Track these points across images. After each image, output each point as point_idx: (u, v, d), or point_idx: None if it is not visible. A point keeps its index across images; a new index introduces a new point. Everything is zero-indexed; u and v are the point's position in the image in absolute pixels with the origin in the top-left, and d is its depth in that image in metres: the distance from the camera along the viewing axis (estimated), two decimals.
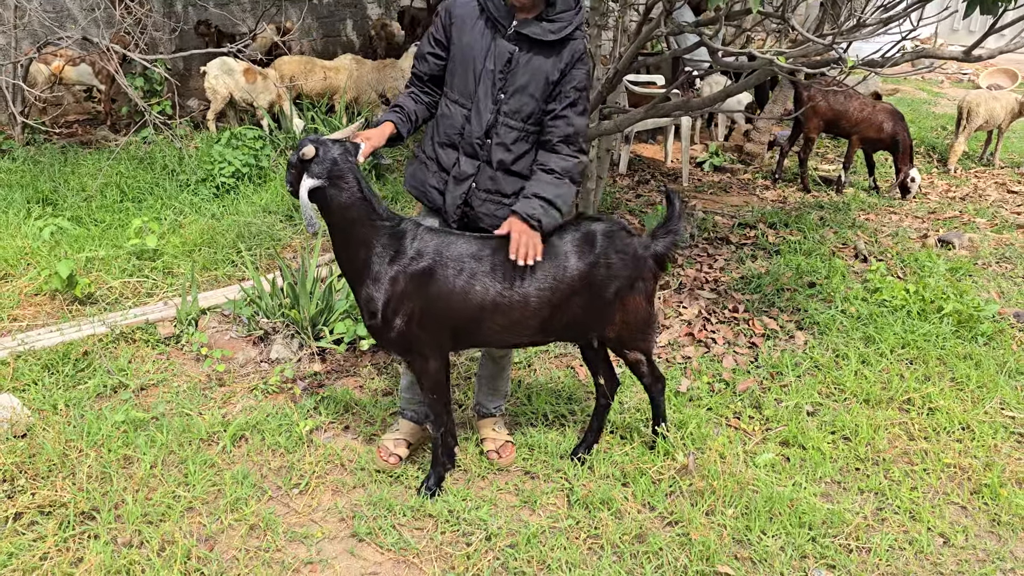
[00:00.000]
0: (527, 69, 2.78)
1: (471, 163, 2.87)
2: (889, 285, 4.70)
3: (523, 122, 2.82)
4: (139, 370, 3.70)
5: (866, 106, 6.87)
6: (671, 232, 2.88)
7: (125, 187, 5.72)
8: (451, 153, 2.89)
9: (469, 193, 2.88)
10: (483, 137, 2.83)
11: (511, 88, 2.79)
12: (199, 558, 2.66)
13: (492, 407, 3.32)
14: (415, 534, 2.82)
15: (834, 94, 6.80)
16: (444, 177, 2.91)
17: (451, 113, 2.86)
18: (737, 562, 2.72)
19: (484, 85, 2.79)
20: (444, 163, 2.90)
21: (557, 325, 2.80)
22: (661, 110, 4.92)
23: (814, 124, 6.97)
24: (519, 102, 2.80)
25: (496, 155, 2.84)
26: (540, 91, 2.80)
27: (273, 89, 7.18)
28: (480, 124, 2.82)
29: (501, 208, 2.90)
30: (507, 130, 2.82)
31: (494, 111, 2.80)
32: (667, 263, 2.92)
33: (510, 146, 2.84)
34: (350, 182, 2.66)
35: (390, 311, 2.71)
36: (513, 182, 2.89)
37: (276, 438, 3.26)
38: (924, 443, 3.40)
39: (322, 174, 2.62)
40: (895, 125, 6.81)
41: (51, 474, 2.98)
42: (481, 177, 2.87)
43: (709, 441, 3.32)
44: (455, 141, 2.87)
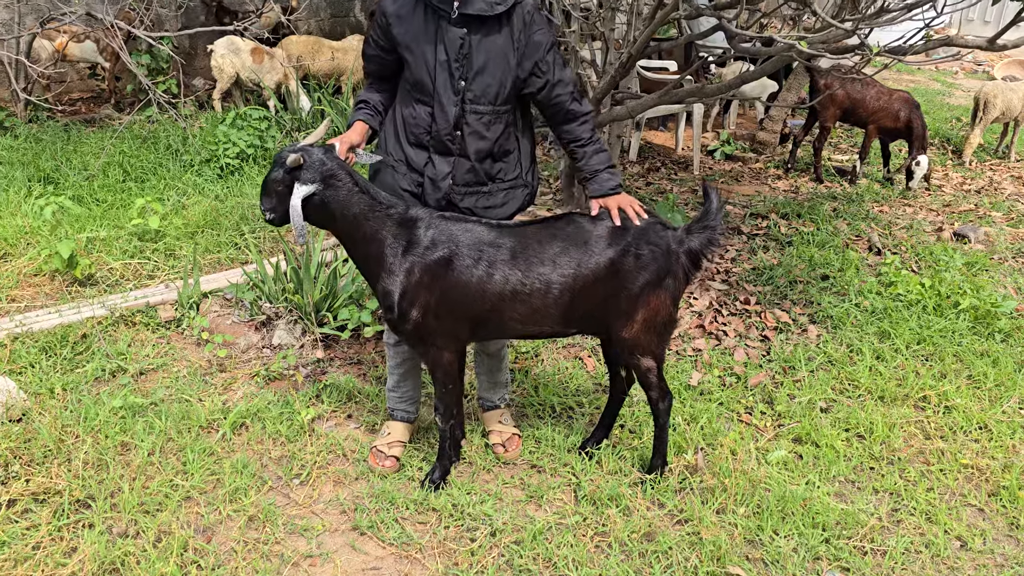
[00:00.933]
0: (482, 49, 2.61)
1: (445, 161, 2.72)
2: (904, 279, 4.60)
3: (491, 104, 2.67)
4: (138, 354, 3.63)
5: (883, 94, 6.73)
6: (708, 228, 2.73)
7: (128, 167, 5.64)
8: (421, 153, 2.74)
9: (449, 192, 2.76)
10: (452, 131, 2.68)
11: (471, 73, 2.63)
12: (196, 550, 2.59)
13: (496, 399, 3.25)
14: (418, 528, 2.75)
15: (851, 82, 6.65)
16: (417, 179, 2.76)
17: (416, 111, 2.70)
18: (749, 563, 2.64)
19: (441, 77, 2.63)
20: (415, 164, 2.75)
21: (578, 314, 2.69)
22: (675, 96, 4.81)
23: (831, 113, 6.83)
24: (483, 85, 2.64)
25: (472, 146, 2.70)
26: (502, 68, 2.64)
27: (280, 69, 7.08)
28: (446, 118, 2.66)
29: (481, 197, 2.79)
30: (476, 117, 2.68)
31: (458, 101, 2.65)
32: (701, 262, 2.77)
33: (485, 133, 2.70)
34: (343, 178, 2.56)
35: (406, 303, 2.62)
36: (491, 167, 2.77)
37: (277, 426, 3.19)
38: (940, 442, 3.32)
39: (314, 178, 2.51)
40: (911, 113, 6.67)
41: (46, 460, 2.91)
42: (459, 172, 2.74)
43: (720, 437, 3.24)
44: (423, 140, 2.72)
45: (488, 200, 2.80)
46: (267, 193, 2.59)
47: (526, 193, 2.89)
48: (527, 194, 2.89)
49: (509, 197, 2.84)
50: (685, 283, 2.75)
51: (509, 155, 2.81)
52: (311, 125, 6.66)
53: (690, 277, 2.75)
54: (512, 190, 2.84)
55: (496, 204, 2.81)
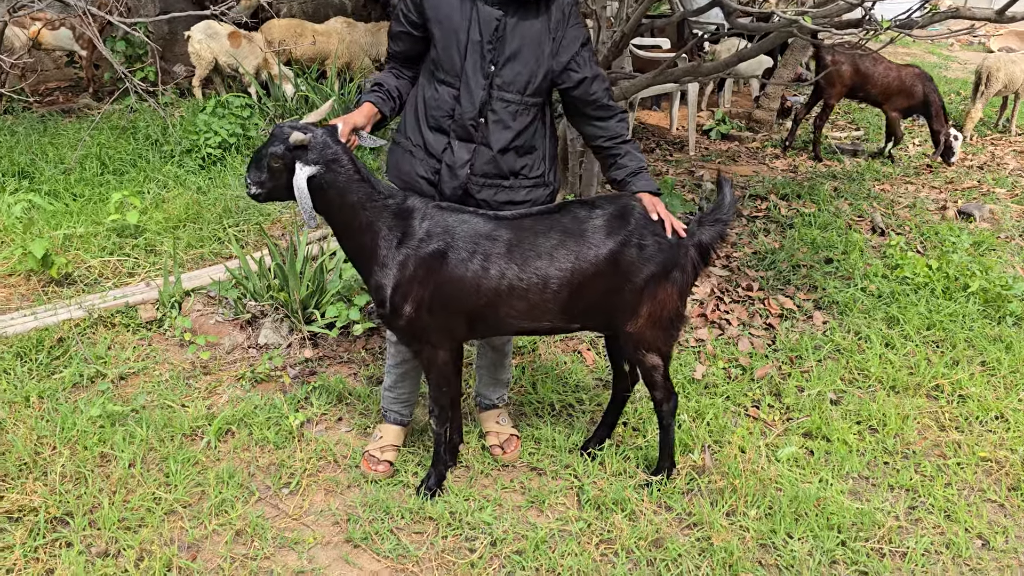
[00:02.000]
0: (517, 34, 2.49)
1: (465, 147, 2.57)
2: (910, 261, 4.46)
3: (520, 94, 2.54)
4: (118, 357, 3.47)
5: (891, 70, 6.53)
6: (720, 222, 2.58)
7: (106, 159, 5.44)
8: (440, 138, 2.59)
9: (467, 181, 2.61)
10: (476, 117, 2.54)
11: (502, 58, 2.50)
12: (180, 569, 2.45)
13: (495, 398, 3.11)
14: (414, 539, 2.61)
15: (859, 58, 6.45)
16: (434, 165, 2.61)
17: (438, 94, 2.56)
18: (762, 569, 2.52)
19: (472, 59, 2.50)
20: (433, 149, 2.60)
21: (579, 309, 2.54)
22: (671, 76, 4.65)
23: (836, 90, 6.64)
24: (513, 72, 2.51)
25: (495, 136, 2.56)
26: (535, 58, 2.52)
27: (260, 54, 6.86)
28: (472, 103, 2.52)
29: (500, 192, 2.64)
30: (503, 105, 2.54)
31: (486, 86, 2.51)
32: (711, 256, 2.62)
33: (510, 123, 2.56)
34: (345, 164, 2.41)
35: (399, 297, 2.47)
36: (515, 162, 2.62)
37: (264, 432, 3.04)
38: (956, 434, 3.19)
39: (318, 160, 2.36)
40: (924, 87, 6.48)
41: (21, 475, 2.76)
42: (478, 162, 2.59)
43: (727, 434, 3.11)
44: (444, 125, 2.57)
45: (508, 195, 2.64)
46: (258, 166, 2.43)
47: (547, 193, 2.74)
48: (548, 193, 2.74)
49: (531, 195, 2.68)
50: (693, 277, 2.60)
51: (534, 151, 2.66)
52: (295, 112, 6.47)
53: (699, 271, 2.60)
54: (535, 188, 2.69)
55: (516, 200, 2.66)
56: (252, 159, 2.44)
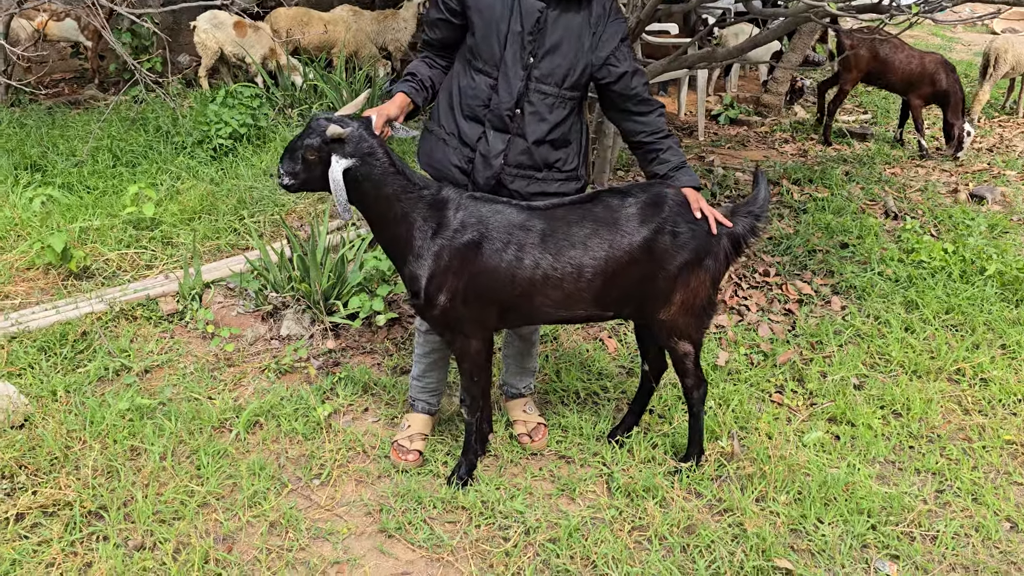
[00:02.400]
0: (558, 27, 2.50)
1: (500, 137, 2.57)
2: (926, 245, 4.47)
3: (558, 87, 2.54)
4: (142, 350, 3.48)
5: (914, 57, 6.41)
6: (753, 215, 2.60)
7: (117, 151, 5.42)
8: (476, 127, 2.58)
9: (500, 171, 2.61)
10: (513, 108, 2.54)
11: (541, 50, 2.50)
12: (217, 560, 2.47)
13: (522, 386, 3.12)
14: (448, 529, 2.63)
15: (879, 44, 6.35)
16: (468, 154, 2.61)
17: (475, 83, 2.56)
18: (795, 554, 2.54)
19: (512, 49, 2.49)
20: (468, 138, 2.60)
21: (613, 297, 2.55)
22: (685, 61, 4.64)
23: (852, 76, 6.56)
24: (551, 64, 2.52)
25: (531, 127, 2.56)
26: (575, 51, 2.52)
27: (267, 43, 6.83)
28: (510, 93, 2.52)
29: (533, 183, 2.64)
30: (540, 97, 2.54)
31: (524, 77, 2.52)
32: (743, 248, 2.63)
33: (546, 115, 2.56)
34: (380, 157, 2.41)
35: (433, 287, 2.48)
36: (549, 154, 2.62)
37: (292, 424, 3.06)
38: (980, 417, 3.21)
39: (354, 153, 2.36)
40: (948, 77, 6.33)
41: (53, 469, 2.77)
42: (512, 152, 2.59)
43: (753, 420, 3.13)
44: (480, 114, 2.57)
45: (540, 187, 2.64)
46: (292, 157, 2.43)
47: (578, 187, 2.74)
48: (578, 188, 2.74)
49: (562, 188, 2.69)
50: (726, 266, 2.61)
51: (568, 145, 2.66)
52: (304, 102, 6.44)
53: (731, 261, 2.61)
54: (566, 182, 2.70)
55: (548, 192, 2.66)
56: (286, 150, 2.44)
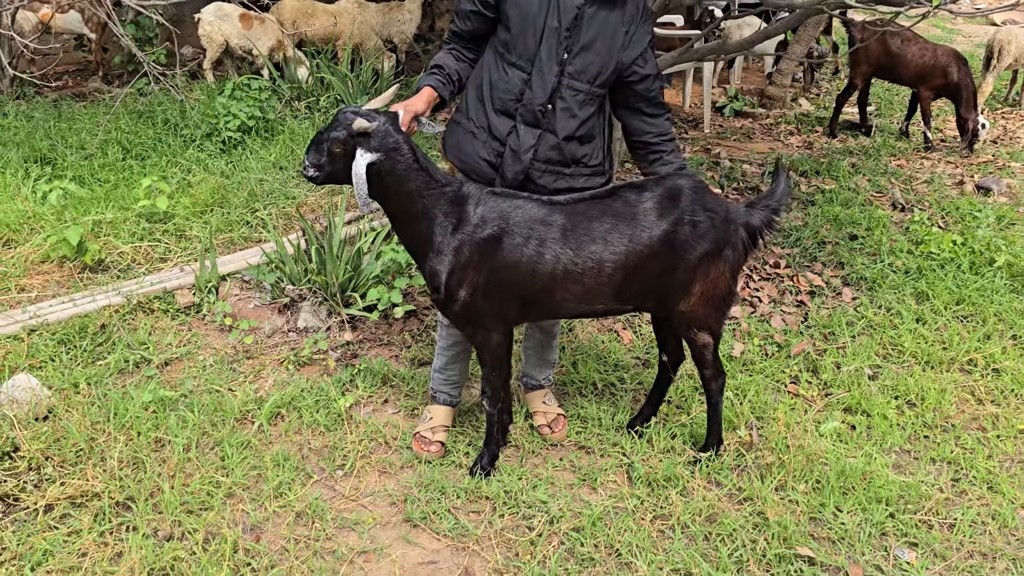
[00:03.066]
0: (594, 24, 2.51)
1: (531, 132, 2.59)
2: (935, 237, 4.50)
3: (589, 84, 2.56)
4: (161, 343, 3.50)
5: (926, 51, 6.35)
6: (771, 208, 2.63)
7: (127, 143, 5.42)
8: (506, 121, 2.60)
9: (529, 166, 2.63)
10: (546, 103, 2.55)
11: (577, 47, 2.52)
12: (247, 550, 2.49)
13: (541, 378, 3.15)
14: (472, 518, 2.66)
15: (889, 37, 6.31)
16: (498, 148, 2.62)
17: (508, 77, 2.57)
18: (815, 542, 2.58)
19: (548, 44, 2.51)
20: (498, 132, 2.61)
21: (633, 291, 2.57)
22: (695, 54, 4.66)
23: (862, 70, 6.53)
24: (585, 61, 2.53)
25: (561, 123, 2.58)
26: (607, 49, 2.54)
27: (272, 35, 6.82)
28: (544, 89, 2.54)
29: (560, 179, 2.66)
30: (572, 93, 2.56)
31: (558, 73, 2.53)
32: (759, 240, 2.66)
33: (576, 111, 2.58)
34: (405, 152, 2.42)
35: (454, 282, 2.50)
36: (577, 150, 2.64)
37: (314, 415, 3.08)
38: (993, 407, 3.25)
39: (379, 147, 2.38)
40: (960, 71, 6.26)
41: (80, 461, 2.79)
42: (542, 147, 2.61)
43: (770, 410, 3.16)
44: (511, 108, 2.58)
45: (567, 182, 2.67)
46: (318, 150, 2.44)
47: (603, 181, 2.77)
48: (604, 182, 2.77)
49: (589, 183, 2.71)
50: (744, 257, 2.63)
51: (594, 140, 2.69)
52: (311, 94, 6.44)
53: (749, 252, 2.64)
54: (592, 176, 2.72)
55: (575, 188, 2.68)
56: (312, 142, 2.46)
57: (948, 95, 6.46)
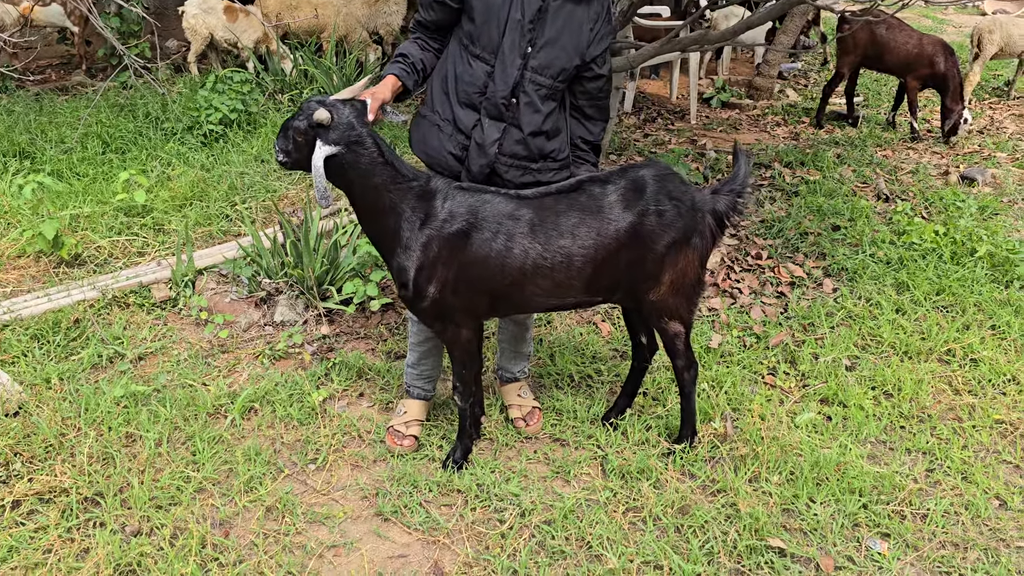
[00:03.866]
0: (559, 19, 2.49)
1: (496, 126, 2.56)
2: (918, 227, 4.49)
3: (552, 79, 2.54)
4: (135, 338, 3.47)
5: (912, 38, 6.32)
6: (735, 192, 2.61)
7: (107, 137, 5.38)
8: (471, 114, 2.57)
9: (495, 160, 2.61)
10: (509, 96, 2.53)
11: (540, 40, 2.49)
12: (215, 545, 2.48)
13: (516, 371, 3.13)
14: (444, 512, 2.64)
15: (877, 25, 6.27)
16: (463, 141, 2.60)
17: (472, 69, 2.54)
18: (787, 533, 2.57)
19: (511, 37, 2.48)
20: (463, 126, 2.58)
21: (603, 284, 2.56)
22: (678, 44, 4.63)
23: (848, 59, 6.49)
24: (549, 56, 2.51)
25: (526, 118, 2.55)
26: (572, 44, 2.52)
27: (258, 27, 6.77)
28: (506, 82, 2.51)
29: (527, 174, 2.64)
30: (535, 88, 2.53)
31: (520, 66, 2.50)
32: (726, 226, 2.65)
33: (540, 106, 2.55)
34: (369, 146, 2.39)
35: (423, 279, 2.48)
36: (544, 145, 2.62)
37: (288, 409, 3.06)
38: (970, 397, 3.24)
39: (339, 140, 2.35)
40: (947, 61, 6.22)
41: (49, 456, 2.77)
42: (507, 141, 2.58)
43: (746, 401, 3.15)
44: (476, 101, 2.56)
45: (534, 177, 2.65)
46: (285, 136, 2.43)
47: (568, 175, 2.75)
48: (568, 176, 2.75)
49: (556, 177, 2.70)
50: (712, 244, 2.63)
51: (560, 134, 2.67)
52: (294, 87, 6.40)
53: (716, 238, 2.63)
54: (560, 170, 2.71)
55: (542, 182, 2.66)
56: (281, 127, 2.44)
57: (935, 85, 6.41)
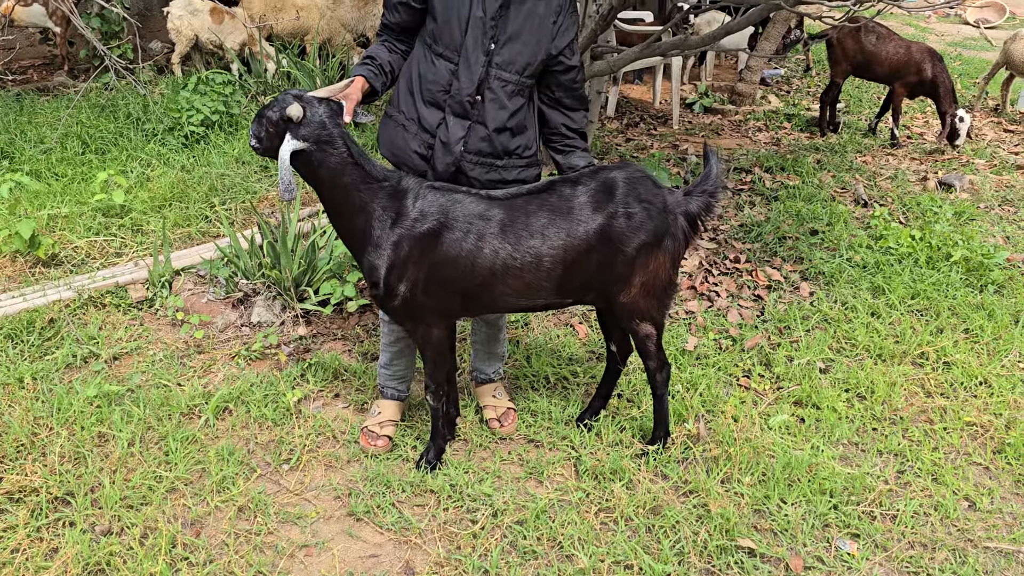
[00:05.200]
0: (520, 15, 2.50)
1: (460, 124, 2.57)
2: (894, 232, 4.53)
3: (518, 74, 2.55)
4: (111, 338, 3.46)
5: (901, 48, 6.39)
6: (707, 193, 2.63)
7: (87, 138, 5.37)
8: (435, 113, 2.58)
9: (460, 158, 2.61)
10: (474, 94, 2.53)
11: (503, 37, 2.50)
12: (185, 545, 2.47)
13: (491, 372, 3.13)
14: (416, 512, 2.64)
15: (864, 34, 6.34)
16: (428, 140, 2.60)
17: (435, 68, 2.55)
18: (758, 534, 2.58)
19: (473, 34, 2.49)
20: (428, 124, 2.59)
21: (573, 285, 2.57)
22: (657, 49, 4.66)
23: (841, 68, 6.56)
24: (512, 52, 2.52)
25: (491, 115, 2.56)
26: (535, 39, 2.53)
27: (243, 29, 6.77)
28: (471, 79, 2.52)
29: (492, 171, 2.65)
30: (501, 84, 2.54)
31: (485, 63, 2.51)
32: (699, 227, 2.66)
33: (506, 102, 2.56)
34: (339, 147, 2.40)
35: (393, 278, 2.48)
36: (509, 142, 2.63)
37: (262, 409, 3.06)
38: (942, 400, 3.27)
39: (308, 137, 2.35)
40: (935, 67, 6.28)
41: (20, 456, 2.76)
42: (472, 139, 2.59)
43: (720, 403, 3.16)
44: (440, 100, 2.56)
45: (499, 174, 2.66)
46: (259, 123, 2.43)
47: (537, 173, 2.76)
48: (536, 174, 2.76)
49: (522, 175, 2.71)
50: (684, 246, 2.63)
51: (526, 131, 2.68)
52: (277, 88, 6.40)
53: (689, 240, 2.64)
54: (526, 168, 2.72)
55: (508, 180, 2.67)
56: (257, 114, 2.44)
57: (925, 92, 6.44)
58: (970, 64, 10.08)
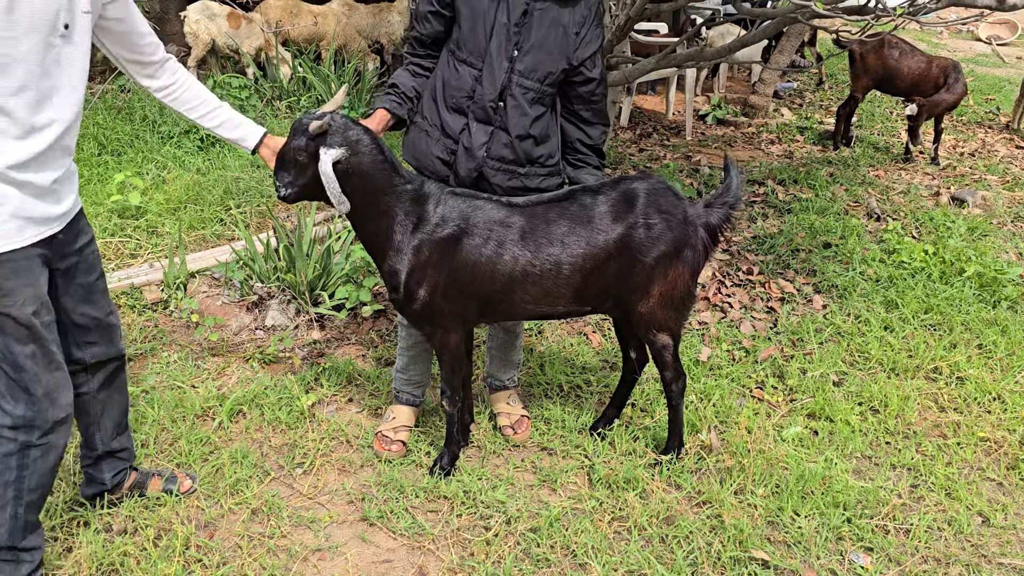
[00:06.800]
0: (544, 23, 2.52)
1: (483, 129, 2.58)
2: (908, 246, 4.53)
3: (539, 82, 2.57)
4: (126, 339, 3.47)
5: (922, 63, 6.37)
6: (727, 204, 2.64)
7: (103, 139, 5.40)
8: (459, 119, 2.60)
9: (483, 164, 2.63)
10: (496, 100, 2.55)
11: (526, 44, 2.52)
12: (198, 547, 2.47)
13: (505, 379, 3.14)
14: (429, 518, 2.64)
15: (887, 49, 6.33)
16: (451, 146, 2.62)
17: (459, 74, 2.57)
18: (771, 546, 2.57)
19: (497, 41, 2.51)
20: (450, 130, 2.61)
21: (592, 294, 2.58)
22: (673, 60, 4.67)
23: (862, 83, 6.56)
24: (535, 60, 2.54)
25: (513, 121, 2.58)
26: (557, 48, 2.55)
27: (259, 34, 6.81)
28: (493, 85, 2.54)
29: (515, 178, 2.66)
30: (522, 91, 2.56)
31: (508, 70, 2.53)
32: (719, 238, 2.67)
33: (527, 109, 2.58)
34: (368, 144, 2.41)
35: (413, 282, 2.49)
36: (532, 150, 2.64)
37: (276, 413, 3.07)
38: (955, 415, 3.26)
39: (342, 142, 2.36)
40: (959, 83, 6.21)
41: None
42: (494, 145, 2.60)
43: (734, 414, 3.16)
44: (464, 105, 2.58)
45: (521, 182, 2.67)
46: (284, 167, 2.42)
47: (559, 182, 2.77)
48: (559, 183, 2.77)
49: (544, 183, 2.72)
50: (704, 257, 2.64)
51: (549, 140, 2.69)
52: (292, 93, 6.43)
53: (709, 252, 2.65)
54: (548, 176, 2.73)
55: (529, 188, 2.68)
56: (277, 160, 2.44)
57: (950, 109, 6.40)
58: (982, 80, 10.08)
